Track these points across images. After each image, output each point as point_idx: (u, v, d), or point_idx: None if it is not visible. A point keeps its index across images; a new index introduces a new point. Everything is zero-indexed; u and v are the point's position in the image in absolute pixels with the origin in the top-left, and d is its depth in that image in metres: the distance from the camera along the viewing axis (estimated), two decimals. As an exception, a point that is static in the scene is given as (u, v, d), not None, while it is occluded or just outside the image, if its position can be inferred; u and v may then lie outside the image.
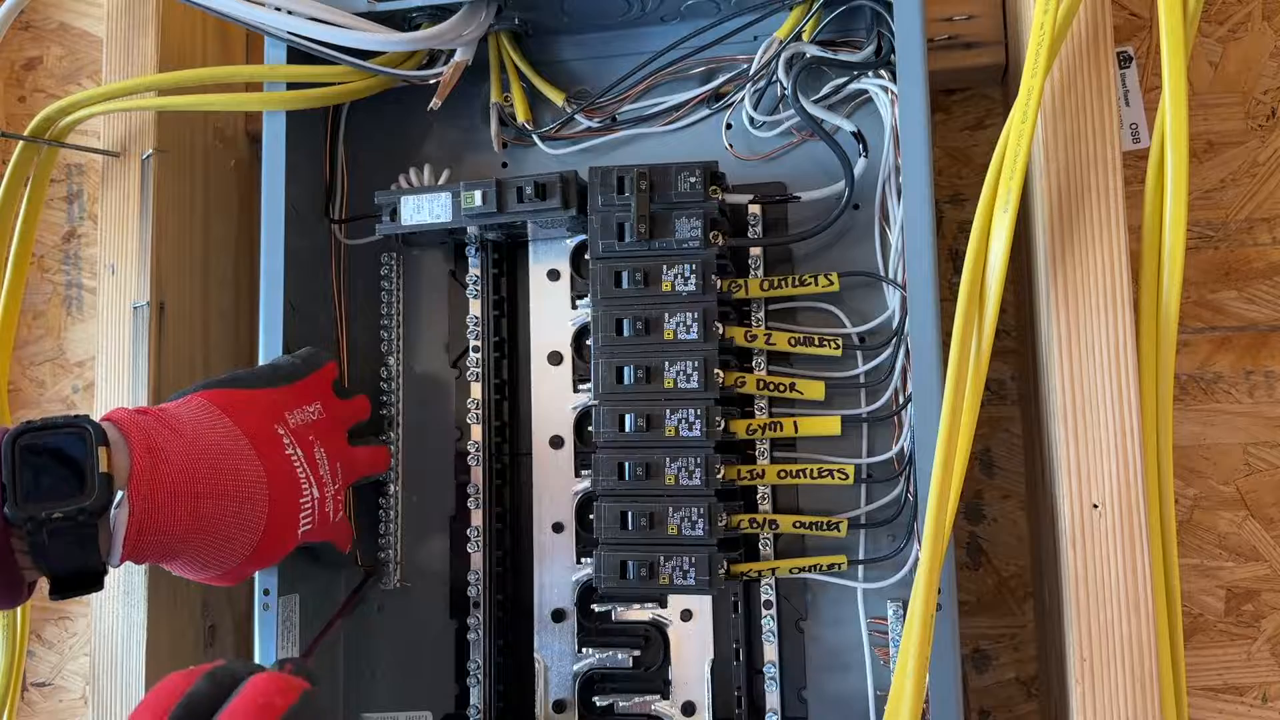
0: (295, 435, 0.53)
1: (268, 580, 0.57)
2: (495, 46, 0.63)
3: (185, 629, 0.67)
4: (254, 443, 0.50)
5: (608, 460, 0.54)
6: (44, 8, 0.83)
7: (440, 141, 0.66)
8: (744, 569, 0.55)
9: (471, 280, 0.61)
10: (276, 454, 0.51)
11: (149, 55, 0.67)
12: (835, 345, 0.56)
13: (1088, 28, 0.52)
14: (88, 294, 0.81)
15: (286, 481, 0.51)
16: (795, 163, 0.60)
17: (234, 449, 0.50)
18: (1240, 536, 0.64)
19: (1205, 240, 0.66)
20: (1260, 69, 0.66)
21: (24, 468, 0.44)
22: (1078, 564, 0.49)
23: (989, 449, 0.68)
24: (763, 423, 0.56)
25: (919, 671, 0.45)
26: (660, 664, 0.57)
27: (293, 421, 0.54)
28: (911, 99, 0.53)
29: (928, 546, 0.46)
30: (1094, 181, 0.51)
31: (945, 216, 0.69)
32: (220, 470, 0.48)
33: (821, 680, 0.57)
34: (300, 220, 0.61)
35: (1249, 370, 0.65)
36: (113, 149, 0.67)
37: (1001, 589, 0.67)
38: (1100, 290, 0.50)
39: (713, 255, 0.54)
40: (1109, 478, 0.49)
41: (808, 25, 0.57)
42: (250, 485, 0.49)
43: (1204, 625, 0.64)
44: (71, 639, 0.78)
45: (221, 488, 0.48)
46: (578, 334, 0.60)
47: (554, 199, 0.56)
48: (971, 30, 0.64)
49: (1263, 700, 0.63)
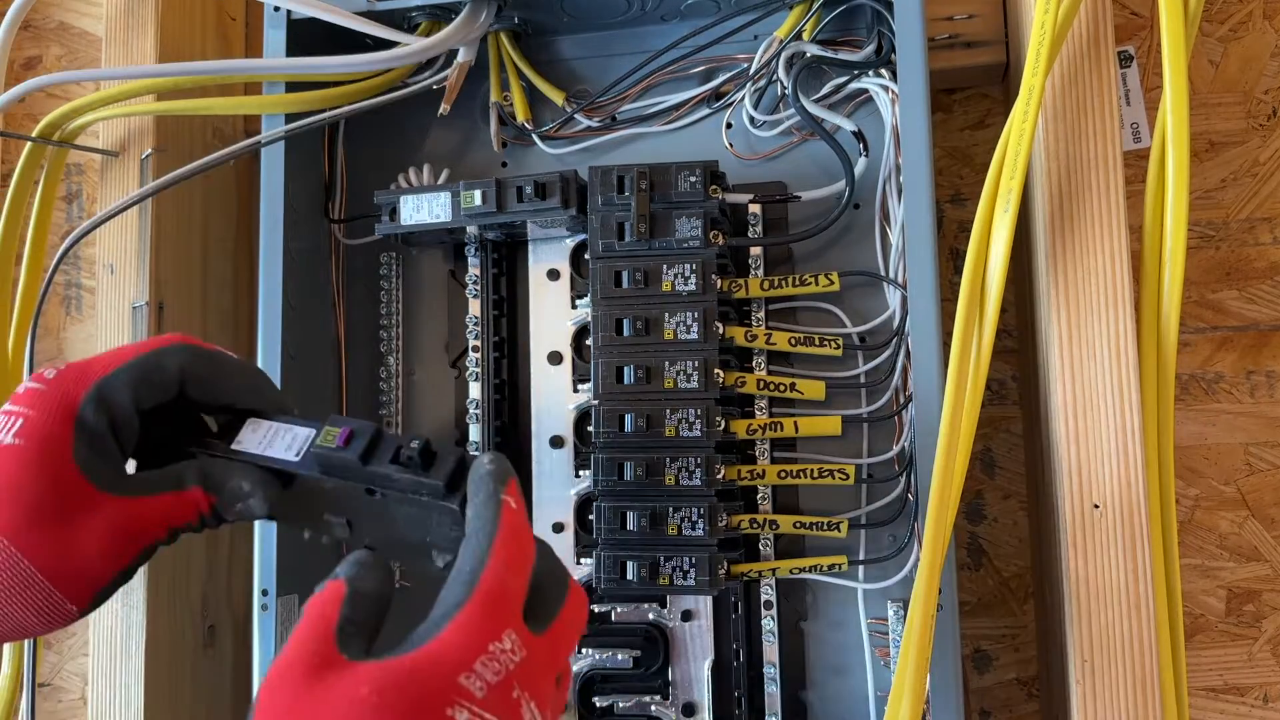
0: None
1: (266, 580, 0.57)
2: (495, 46, 0.63)
3: (184, 629, 0.67)
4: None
5: (608, 460, 0.54)
6: (44, 7, 0.83)
7: (440, 141, 0.66)
8: (744, 569, 0.55)
9: (471, 280, 0.61)
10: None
11: (148, 55, 0.67)
12: (835, 345, 0.56)
13: (1088, 27, 0.52)
14: (86, 294, 0.80)
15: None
16: (795, 162, 0.60)
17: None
18: (1241, 537, 0.64)
19: (1206, 240, 0.65)
20: (1261, 68, 0.66)
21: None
22: (1078, 564, 0.49)
23: (990, 449, 0.68)
24: (763, 423, 0.56)
25: (919, 672, 0.45)
26: (660, 664, 0.57)
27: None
28: (912, 98, 0.53)
29: (928, 547, 0.46)
30: (1095, 181, 0.51)
31: (946, 216, 0.69)
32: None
33: (822, 681, 0.57)
34: (300, 220, 0.61)
35: (1250, 370, 0.65)
36: (112, 149, 0.67)
37: (1002, 589, 0.67)
38: (1101, 290, 0.50)
39: (713, 255, 0.54)
40: (1110, 478, 0.49)
41: (808, 24, 0.57)
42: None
43: (1205, 625, 0.64)
44: (70, 639, 0.78)
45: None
46: (578, 334, 0.60)
47: (554, 198, 0.55)
48: (972, 29, 0.64)
49: (1264, 701, 0.63)
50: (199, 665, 0.68)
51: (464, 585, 0.34)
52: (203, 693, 0.68)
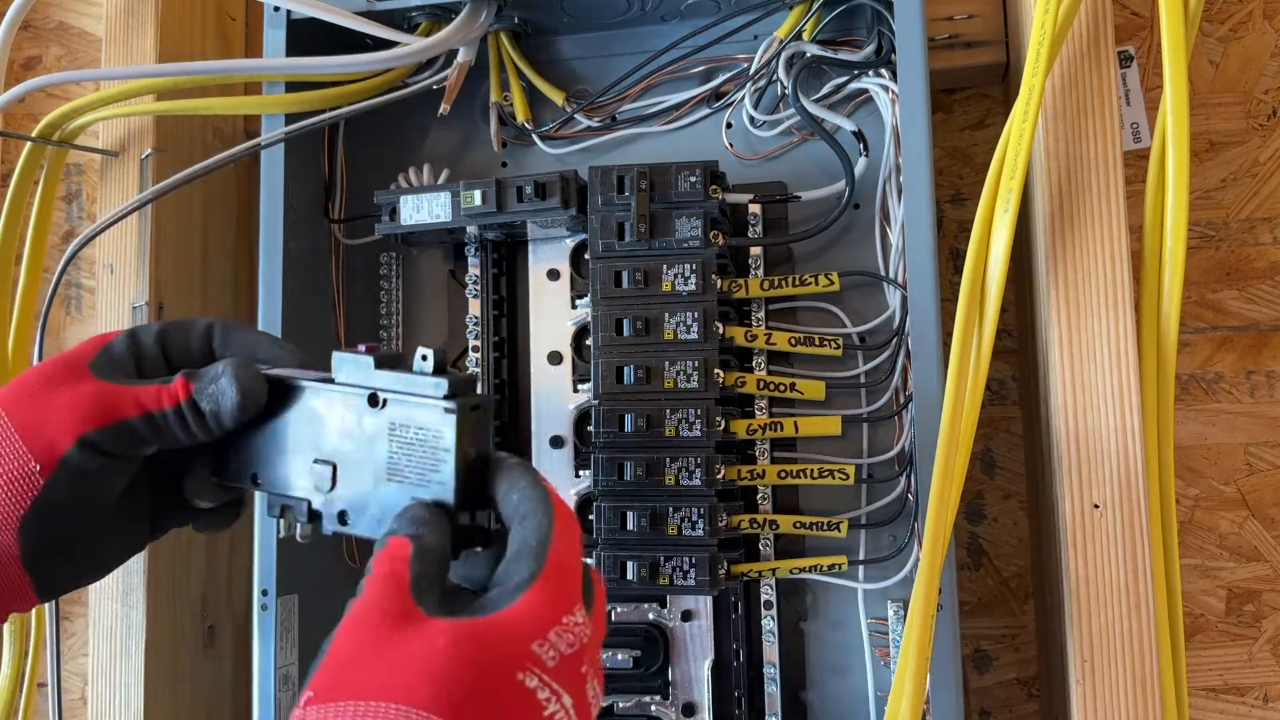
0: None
1: (266, 580, 0.57)
2: (495, 46, 0.63)
3: (184, 629, 0.67)
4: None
5: (608, 460, 0.54)
6: (43, 7, 0.83)
7: (440, 141, 0.66)
8: (744, 569, 0.55)
9: (471, 280, 0.61)
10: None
11: (148, 55, 0.67)
12: (835, 345, 0.56)
13: (1088, 27, 0.52)
14: (86, 294, 0.80)
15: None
16: (795, 162, 0.60)
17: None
18: (1241, 537, 0.64)
19: (1206, 240, 0.65)
20: (1261, 68, 0.66)
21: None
22: (1078, 564, 0.49)
23: (990, 449, 0.68)
24: (763, 423, 0.56)
25: (919, 672, 0.45)
26: (660, 664, 0.57)
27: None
28: (912, 98, 0.53)
29: (928, 547, 0.46)
30: (1095, 181, 0.51)
31: (946, 216, 0.69)
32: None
33: (822, 681, 0.57)
34: (300, 220, 0.61)
35: (1250, 370, 0.65)
36: (112, 149, 0.67)
37: (1002, 589, 0.67)
38: (1101, 290, 0.50)
39: (713, 255, 0.54)
40: (1110, 478, 0.49)
41: (808, 24, 0.57)
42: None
43: (1205, 625, 0.64)
44: (70, 639, 0.78)
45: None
46: (578, 334, 0.60)
47: (554, 198, 0.55)
48: (972, 29, 0.64)
49: (1264, 701, 0.63)
50: (199, 665, 0.68)
51: (535, 558, 0.35)
52: (202, 693, 0.68)
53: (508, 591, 0.34)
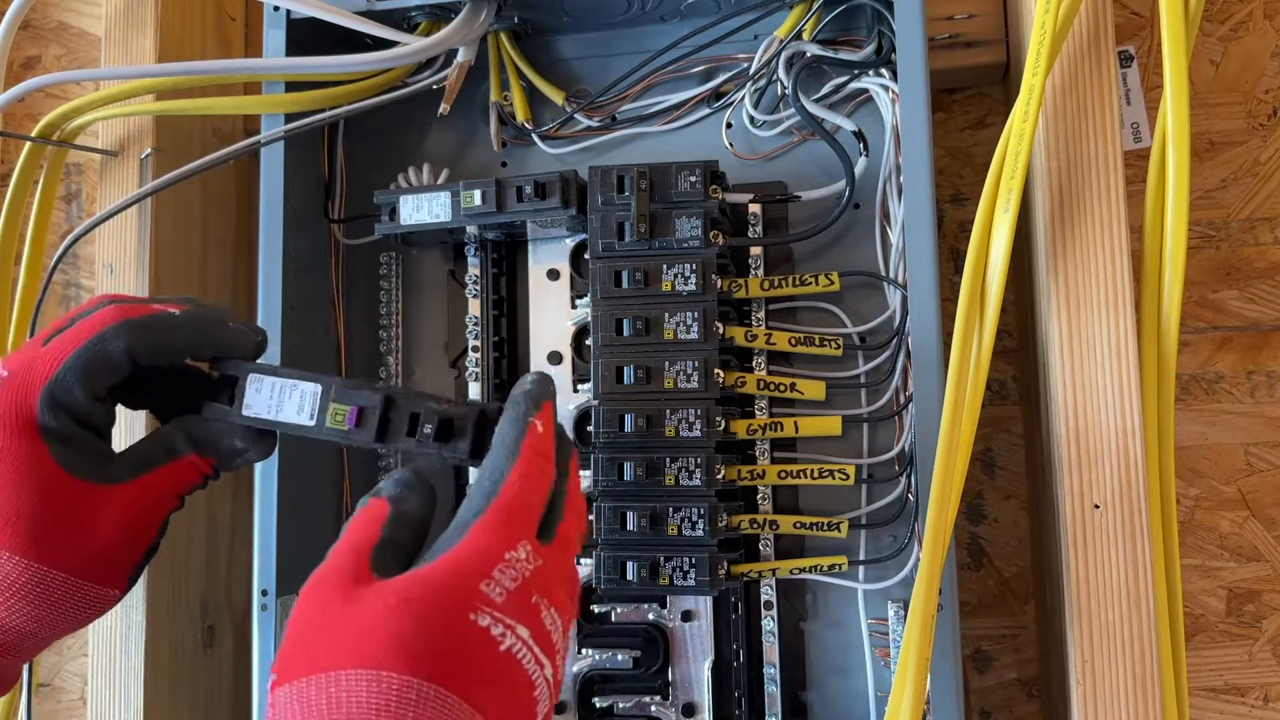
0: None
1: (266, 580, 0.57)
2: (494, 45, 0.63)
3: (184, 629, 0.67)
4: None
5: (608, 460, 0.54)
6: (43, 7, 0.83)
7: (440, 141, 0.66)
8: (744, 569, 0.55)
9: (471, 280, 0.61)
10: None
11: (148, 55, 0.67)
12: (836, 345, 0.56)
13: (1089, 27, 0.51)
14: (86, 294, 0.80)
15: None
16: (795, 162, 0.60)
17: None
18: (1241, 537, 0.64)
19: (1207, 240, 0.65)
20: (1262, 68, 0.66)
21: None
22: (1078, 564, 0.49)
23: (990, 449, 0.68)
24: (763, 423, 0.56)
25: (920, 672, 0.45)
26: (660, 665, 0.57)
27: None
28: (912, 98, 0.53)
29: (928, 547, 0.46)
30: (1095, 181, 0.51)
31: (946, 216, 0.69)
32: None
33: (822, 681, 0.57)
34: (299, 220, 0.61)
35: (1250, 370, 0.65)
36: (111, 149, 0.67)
37: (1003, 589, 0.67)
38: (1101, 290, 0.50)
39: (713, 255, 0.54)
40: (1110, 478, 0.49)
41: (808, 24, 0.57)
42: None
43: (1205, 626, 0.64)
44: (70, 639, 0.78)
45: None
46: (577, 334, 0.60)
47: (554, 198, 0.55)
48: (972, 29, 0.64)
49: (1264, 701, 0.63)
50: (198, 665, 0.68)
51: (482, 497, 0.36)
52: (202, 693, 0.68)
53: (453, 532, 0.35)
